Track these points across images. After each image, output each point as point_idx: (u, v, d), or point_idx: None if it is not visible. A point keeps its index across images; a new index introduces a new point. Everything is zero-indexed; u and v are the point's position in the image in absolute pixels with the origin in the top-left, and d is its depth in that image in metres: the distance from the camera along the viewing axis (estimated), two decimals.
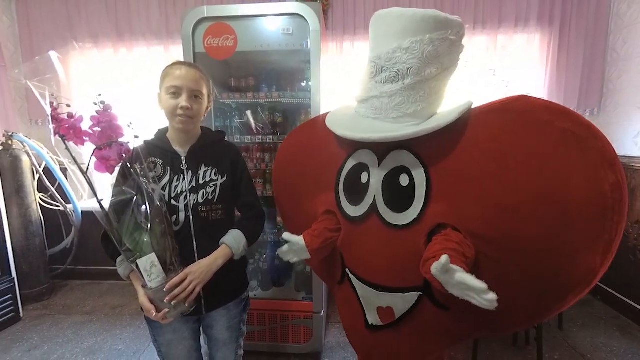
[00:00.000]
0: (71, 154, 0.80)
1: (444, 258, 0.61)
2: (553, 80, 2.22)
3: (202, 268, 0.89)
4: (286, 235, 0.96)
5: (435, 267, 0.64)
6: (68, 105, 0.79)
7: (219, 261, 0.93)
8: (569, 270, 0.68)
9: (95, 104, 0.80)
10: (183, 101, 0.90)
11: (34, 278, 2.34)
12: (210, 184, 0.97)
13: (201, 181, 0.96)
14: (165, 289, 0.83)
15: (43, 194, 2.43)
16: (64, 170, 2.49)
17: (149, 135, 1.00)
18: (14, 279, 2.10)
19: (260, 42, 1.56)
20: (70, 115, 0.78)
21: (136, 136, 0.86)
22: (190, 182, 0.95)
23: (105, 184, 0.90)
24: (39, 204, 2.39)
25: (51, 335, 1.97)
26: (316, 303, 1.67)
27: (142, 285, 0.86)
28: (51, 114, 0.77)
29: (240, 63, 1.82)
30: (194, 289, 0.87)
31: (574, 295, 0.69)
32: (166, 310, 0.85)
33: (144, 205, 0.83)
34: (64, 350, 1.83)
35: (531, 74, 2.27)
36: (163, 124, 1.03)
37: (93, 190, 0.82)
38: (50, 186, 2.40)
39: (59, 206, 2.46)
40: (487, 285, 0.61)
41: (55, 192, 2.42)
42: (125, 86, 2.43)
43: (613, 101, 2.23)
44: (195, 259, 0.93)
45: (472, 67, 2.17)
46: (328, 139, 1.02)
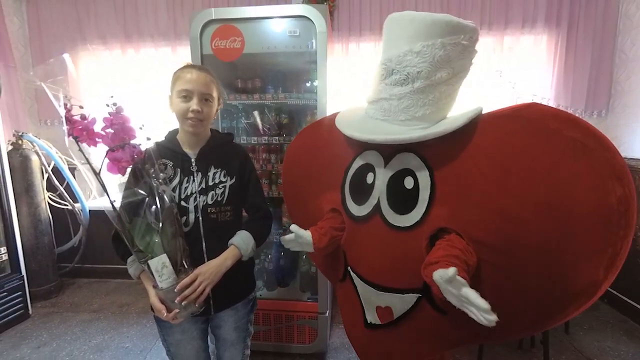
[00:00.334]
0: (84, 156, 0.82)
1: (452, 271, 0.60)
2: (560, 82, 2.21)
3: (212, 269, 0.90)
4: (294, 228, 0.96)
5: (439, 275, 0.63)
6: (81, 107, 0.81)
7: (227, 262, 0.94)
8: (570, 281, 0.67)
9: (108, 105, 0.82)
10: (194, 104, 0.91)
11: (42, 276, 2.37)
12: (220, 186, 0.98)
13: (210, 183, 0.97)
14: (176, 290, 0.84)
15: (52, 193, 2.46)
16: (73, 169, 2.52)
17: (159, 137, 1.01)
18: (23, 276, 2.13)
19: (267, 44, 1.57)
20: (83, 117, 0.80)
21: (148, 138, 0.88)
22: (200, 184, 0.96)
23: (112, 184, 0.91)
24: (48, 203, 2.43)
25: (59, 333, 2.00)
26: (321, 303, 1.67)
27: (153, 286, 0.87)
28: (65, 115, 0.78)
29: (247, 64, 1.84)
30: (204, 290, 0.88)
31: (575, 307, 0.68)
32: (177, 310, 0.86)
33: (154, 206, 0.84)
34: (72, 348, 1.86)
35: (538, 76, 2.25)
36: (169, 125, 1.04)
37: (105, 191, 0.83)
38: (59, 185, 2.44)
39: (67, 205, 2.49)
40: (488, 299, 0.60)
41: (63, 192, 2.46)
42: (133, 87, 2.46)
43: (621, 103, 2.21)
44: (205, 259, 0.94)
45: (478, 69, 2.17)
46: (336, 139, 1.03)
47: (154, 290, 0.88)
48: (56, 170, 2.41)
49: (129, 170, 0.87)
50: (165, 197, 0.86)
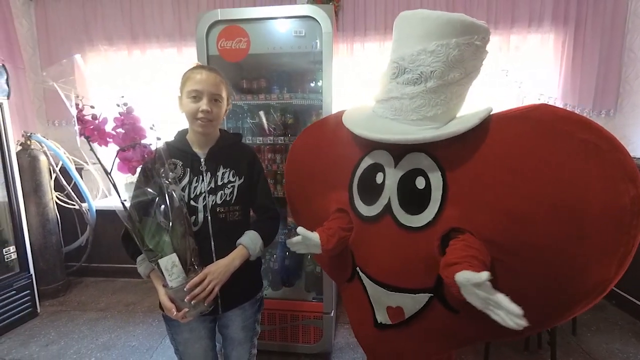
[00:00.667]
0: (96, 155, 0.83)
1: (485, 275, 0.60)
2: (567, 81, 2.18)
3: (221, 268, 0.91)
4: (301, 230, 0.96)
5: (466, 278, 0.63)
6: (92, 107, 0.82)
7: (236, 262, 0.94)
8: (582, 280, 0.67)
9: (118, 105, 0.83)
10: (203, 105, 0.92)
11: (50, 275, 2.40)
12: (228, 185, 0.99)
13: (219, 182, 0.98)
14: (185, 289, 0.85)
15: (59, 193, 2.49)
16: (80, 170, 2.55)
17: (169, 137, 1.02)
18: (31, 275, 2.16)
19: (272, 44, 1.57)
20: (94, 117, 0.81)
21: (158, 138, 0.89)
22: (209, 184, 0.97)
23: (118, 184, 0.92)
24: (56, 202, 2.45)
25: (67, 331, 2.02)
26: (326, 303, 1.67)
27: (163, 285, 0.88)
28: (76, 115, 0.79)
29: (252, 65, 1.84)
30: (213, 289, 0.88)
31: (585, 304, 0.69)
32: (186, 309, 0.86)
33: (164, 205, 0.85)
34: (79, 346, 1.88)
35: (545, 75, 2.23)
36: (175, 124, 1.05)
37: (116, 190, 0.84)
38: (67, 185, 2.46)
39: (75, 205, 2.52)
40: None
41: (71, 191, 2.48)
42: (140, 88, 2.48)
43: (630, 102, 2.18)
44: (213, 259, 0.95)
45: (485, 68, 2.15)
46: (342, 137, 1.03)
47: (163, 289, 0.88)
48: (64, 171, 2.44)
49: (138, 169, 0.88)
50: (174, 197, 0.87)
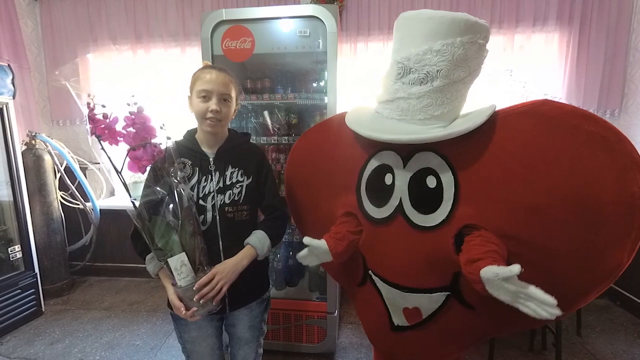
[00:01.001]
0: (107, 154, 0.83)
1: (516, 268, 0.61)
2: (572, 80, 2.17)
3: (229, 268, 0.91)
4: (307, 240, 0.95)
5: (495, 272, 0.63)
6: (103, 106, 0.82)
7: (244, 261, 0.94)
8: (596, 268, 0.70)
9: (129, 104, 0.83)
10: (213, 104, 0.92)
11: (54, 273, 2.42)
12: (237, 185, 0.99)
13: (228, 182, 0.98)
14: (194, 288, 0.85)
15: (64, 193, 2.50)
16: (84, 169, 2.56)
17: (178, 136, 1.02)
18: (36, 274, 2.17)
19: (276, 44, 1.58)
20: (105, 116, 0.81)
21: (168, 137, 0.89)
22: (218, 183, 0.97)
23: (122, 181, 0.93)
24: (60, 202, 2.47)
25: (72, 330, 2.03)
26: (330, 303, 1.67)
27: (172, 283, 0.88)
28: (88, 114, 0.80)
29: (257, 65, 1.84)
30: (222, 288, 0.88)
31: (598, 291, 0.72)
32: (195, 308, 0.86)
33: (173, 204, 0.85)
34: (84, 345, 1.88)
35: (549, 74, 2.22)
36: (180, 124, 1.05)
37: (127, 189, 0.85)
38: (71, 185, 2.48)
39: (79, 204, 2.53)
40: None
41: (75, 191, 2.50)
42: (145, 87, 2.48)
43: (635, 102, 2.17)
44: (221, 258, 0.95)
45: (489, 68, 2.15)
46: (345, 140, 1.02)
47: (172, 288, 0.89)
48: (68, 170, 2.45)
49: (147, 169, 0.88)
50: (184, 196, 0.87)
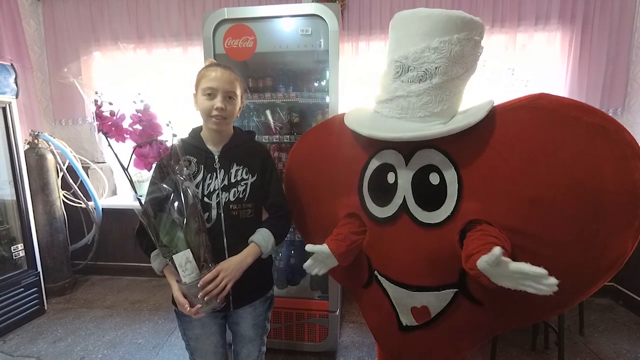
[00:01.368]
0: (113, 151, 0.83)
1: (497, 250, 0.62)
2: (574, 79, 2.16)
3: (233, 265, 0.91)
4: (309, 247, 0.95)
5: (485, 261, 0.64)
6: (110, 103, 0.82)
7: (248, 259, 0.94)
8: (601, 257, 0.71)
9: (135, 102, 0.83)
10: (218, 102, 0.92)
11: (57, 272, 2.42)
12: (241, 183, 0.99)
13: (233, 180, 0.98)
14: (199, 285, 0.85)
15: (66, 192, 2.51)
16: (86, 168, 2.57)
17: (182, 136, 1.02)
18: (39, 272, 2.18)
19: (278, 43, 1.58)
20: (112, 113, 0.82)
21: (174, 134, 0.89)
22: (223, 181, 0.97)
23: (124, 179, 0.93)
24: (63, 201, 2.48)
25: (74, 328, 2.04)
26: (332, 302, 1.67)
27: (177, 280, 0.89)
28: (95, 111, 0.80)
29: (259, 64, 1.85)
30: (226, 286, 0.88)
31: (603, 281, 0.72)
32: (199, 305, 0.87)
33: (178, 201, 0.85)
34: (86, 343, 1.89)
35: (552, 73, 2.21)
36: (182, 124, 1.05)
37: (133, 186, 0.85)
38: (73, 184, 2.49)
39: (81, 203, 2.54)
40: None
41: (77, 190, 2.50)
42: (147, 86, 2.48)
43: (638, 101, 2.16)
44: (226, 255, 0.95)
45: (491, 67, 2.14)
46: (345, 140, 1.02)
47: (177, 285, 0.89)
48: (70, 169, 2.46)
49: (153, 166, 0.88)
50: (189, 193, 0.87)
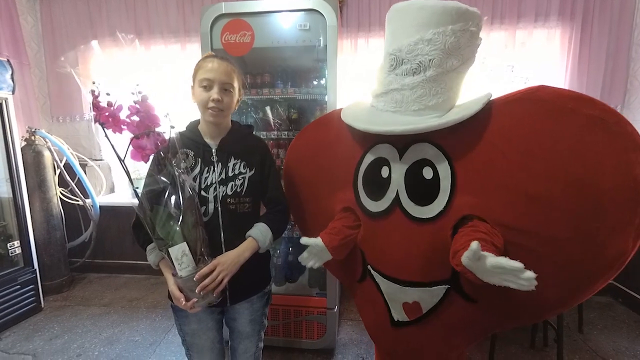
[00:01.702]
0: (110, 142, 0.82)
1: (474, 244, 0.61)
2: (574, 77, 2.16)
3: (230, 259, 0.90)
4: (304, 240, 0.96)
5: (466, 256, 0.63)
6: (108, 94, 0.81)
7: (246, 253, 0.93)
8: (601, 255, 0.68)
9: (133, 93, 0.82)
10: (214, 94, 0.91)
11: (54, 270, 2.41)
12: (239, 177, 0.98)
13: (230, 174, 0.97)
14: (195, 279, 0.84)
15: (63, 189, 2.50)
16: (84, 165, 2.56)
17: (181, 127, 1.01)
18: (35, 270, 2.17)
19: (276, 38, 1.57)
20: (109, 104, 0.80)
21: (172, 126, 0.88)
22: (220, 174, 0.96)
23: (123, 175, 0.92)
24: (60, 198, 2.46)
25: (71, 326, 2.02)
26: (330, 299, 1.66)
27: (172, 274, 0.88)
28: (92, 102, 0.78)
29: (256, 59, 1.83)
30: (222, 280, 0.87)
31: (603, 280, 0.70)
32: (194, 299, 0.85)
33: (175, 194, 0.84)
34: (83, 340, 1.88)
35: (551, 70, 2.21)
36: (180, 120, 1.04)
37: (129, 178, 0.84)
38: (70, 181, 2.47)
39: (79, 200, 2.53)
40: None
41: (74, 187, 2.49)
42: (144, 83, 2.47)
43: (638, 98, 2.15)
44: (223, 250, 0.94)
45: (490, 64, 2.14)
46: (342, 135, 1.02)
47: (173, 278, 0.88)
48: (68, 166, 2.45)
49: (150, 158, 0.87)
50: (186, 186, 0.86)
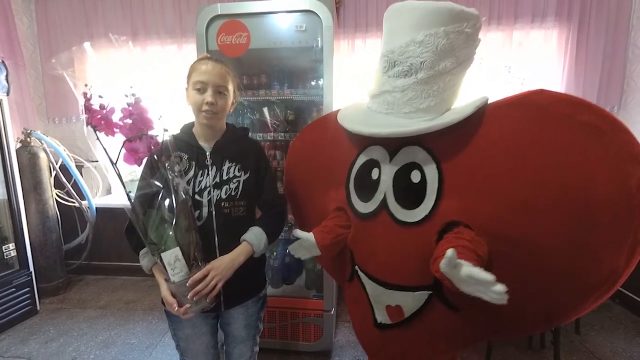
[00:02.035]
0: (102, 145, 0.81)
1: (449, 252, 0.60)
2: (571, 77, 2.16)
3: (224, 264, 0.89)
4: (297, 232, 0.96)
5: (442, 263, 0.62)
6: (100, 96, 0.80)
7: (240, 258, 0.92)
8: (590, 271, 0.64)
9: (127, 95, 0.81)
10: (208, 96, 0.90)
11: (50, 272, 2.40)
12: (234, 180, 0.97)
13: (225, 177, 0.96)
14: (188, 284, 0.83)
15: (59, 191, 2.48)
16: (80, 167, 2.54)
17: (175, 130, 1.00)
18: (31, 272, 2.15)
19: (272, 39, 1.56)
20: (102, 107, 0.79)
21: (166, 129, 0.87)
22: (214, 178, 0.95)
23: (116, 178, 0.91)
24: (56, 200, 2.45)
25: (67, 328, 2.01)
26: (326, 301, 1.66)
27: (165, 279, 0.87)
28: (84, 104, 0.77)
29: (253, 60, 1.82)
30: (216, 285, 0.86)
31: (595, 298, 0.66)
32: (187, 305, 0.84)
33: (168, 198, 0.83)
34: (79, 343, 1.87)
35: (548, 71, 2.20)
36: (176, 123, 1.03)
37: (121, 181, 0.83)
38: (67, 183, 2.46)
39: (75, 202, 2.51)
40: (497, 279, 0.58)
41: (71, 189, 2.48)
42: (140, 84, 2.46)
43: (634, 99, 2.15)
44: (217, 254, 0.93)
45: (487, 64, 2.13)
46: (340, 136, 1.01)
47: (165, 284, 0.87)
48: (64, 168, 2.43)
49: (143, 161, 0.86)
50: (179, 190, 0.85)
